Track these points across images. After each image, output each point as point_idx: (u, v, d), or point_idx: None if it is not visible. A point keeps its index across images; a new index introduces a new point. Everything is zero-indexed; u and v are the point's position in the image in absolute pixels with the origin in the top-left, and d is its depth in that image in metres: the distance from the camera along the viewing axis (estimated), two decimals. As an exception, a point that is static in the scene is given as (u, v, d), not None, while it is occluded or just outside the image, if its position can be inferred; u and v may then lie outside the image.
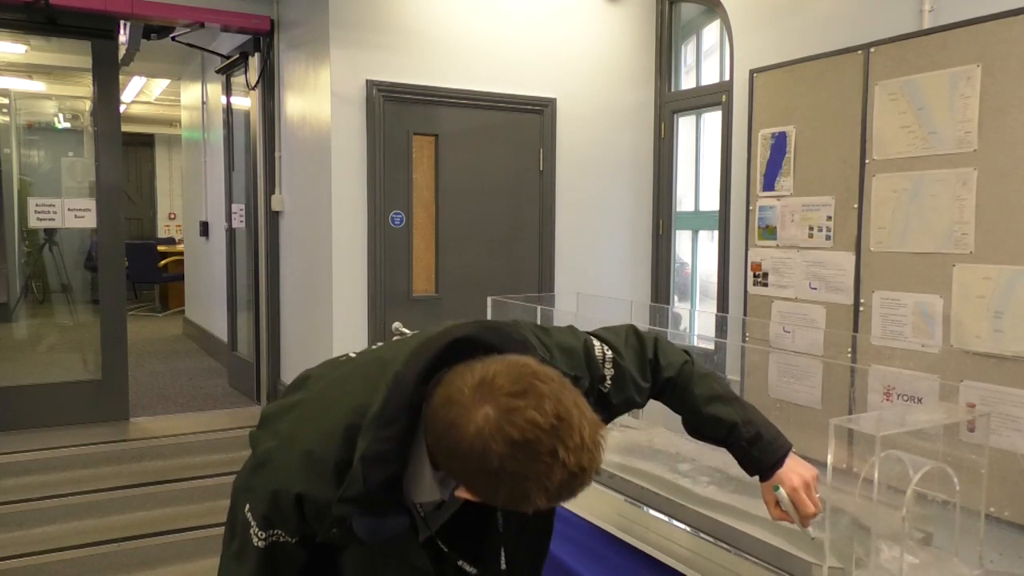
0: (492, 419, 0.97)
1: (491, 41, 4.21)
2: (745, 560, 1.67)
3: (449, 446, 1.01)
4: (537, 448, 0.96)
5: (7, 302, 4.78)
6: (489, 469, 0.97)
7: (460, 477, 1.03)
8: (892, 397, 2.89)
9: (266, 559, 1.15)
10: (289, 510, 1.11)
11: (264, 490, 1.14)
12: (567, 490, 1.00)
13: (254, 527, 1.14)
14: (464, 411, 0.99)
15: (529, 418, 0.97)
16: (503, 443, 0.96)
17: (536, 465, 0.96)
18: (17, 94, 5.22)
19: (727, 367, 3.94)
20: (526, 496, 0.98)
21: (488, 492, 1.01)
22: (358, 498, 1.07)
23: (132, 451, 4.09)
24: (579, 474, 0.98)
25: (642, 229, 4.70)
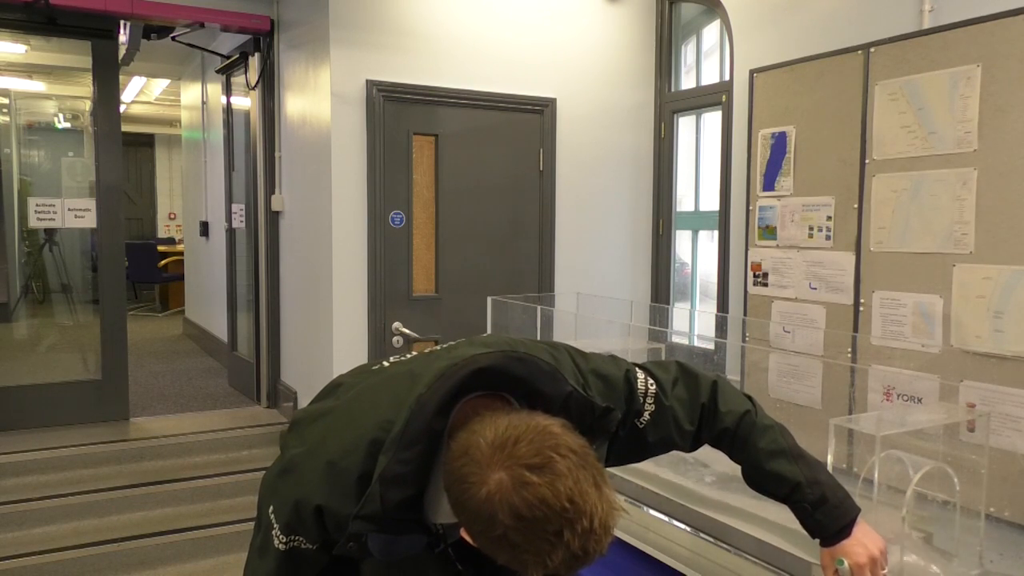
0: (505, 487, 0.97)
1: (491, 41, 4.21)
2: (745, 560, 1.67)
3: (459, 499, 1.02)
4: (544, 527, 0.96)
5: (7, 302, 4.78)
6: (493, 535, 0.98)
7: (465, 528, 1.05)
8: (892, 397, 2.89)
9: (286, 561, 1.18)
10: (309, 520, 1.14)
11: (287, 497, 1.16)
12: (566, 567, 0.99)
13: (276, 530, 1.17)
14: (479, 470, 0.99)
15: (541, 496, 0.96)
16: (510, 515, 0.96)
17: (539, 542, 0.97)
18: (17, 94, 5.22)
19: (727, 367, 3.95)
20: (524, 565, 0.99)
21: (488, 550, 1.02)
22: (374, 516, 1.08)
23: (132, 451, 4.09)
24: (581, 556, 0.99)
25: (642, 229, 4.70)
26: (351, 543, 1.11)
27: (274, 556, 1.18)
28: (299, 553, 1.17)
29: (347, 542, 1.11)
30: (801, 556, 1.57)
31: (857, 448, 1.56)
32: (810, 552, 1.58)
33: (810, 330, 3.34)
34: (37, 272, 5.11)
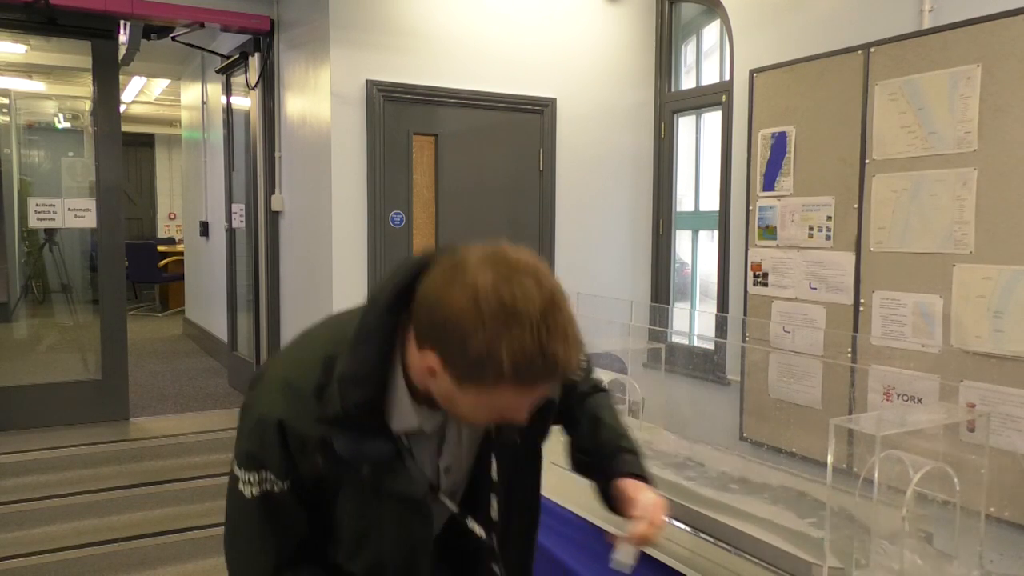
0: (490, 279, 0.99)
1: (491, 41, 4.21)
2: (745, 560, 1.67)
3: (437, 303, 1.02)
4: (521, 318, 0.97)
5: (7, 302, 4.78)
6: (469, 326, 0.98)
7: (436, 340, 1.03)
8: (892, 397, 2.89)
9: (262, 511, 1.14)
10: (272, 439, 1.11)
11: (247, 425, 1.15)
12: (531, 372, 0.99)
13: (242, 475, 1.14)
14: (465, 272, 1.01)
15: (525, 288, 0.99)
16: (493, 301, 0.98)
17: (514, 331, 0.97)
18: (17, 94, 5.22)
19: (727, 367, 3.95)
20: (494, 359, 0.98)
21: (458, 354, 1.00)
22: (337, 418, 1.09)
23: (132, 451, 4.09)
24: (550, 359, 0.99)
25: (642, 229, 4.70)
26: (318, 455, 1.10)
27: (250, 513, 1.14)
28: (272, 499, 1.13)
29: (314, 453, 1.10)
30: (801, 556, 1.57)
31: (857, 448, 1.56)
32: (810, 552, 1.58)
33: (810, 330, 3.34)
34: (37, 272, 5.11)
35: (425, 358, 1.05)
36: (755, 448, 3.52)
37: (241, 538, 1.18)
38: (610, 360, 2.96)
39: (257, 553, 1.16)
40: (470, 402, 1.06)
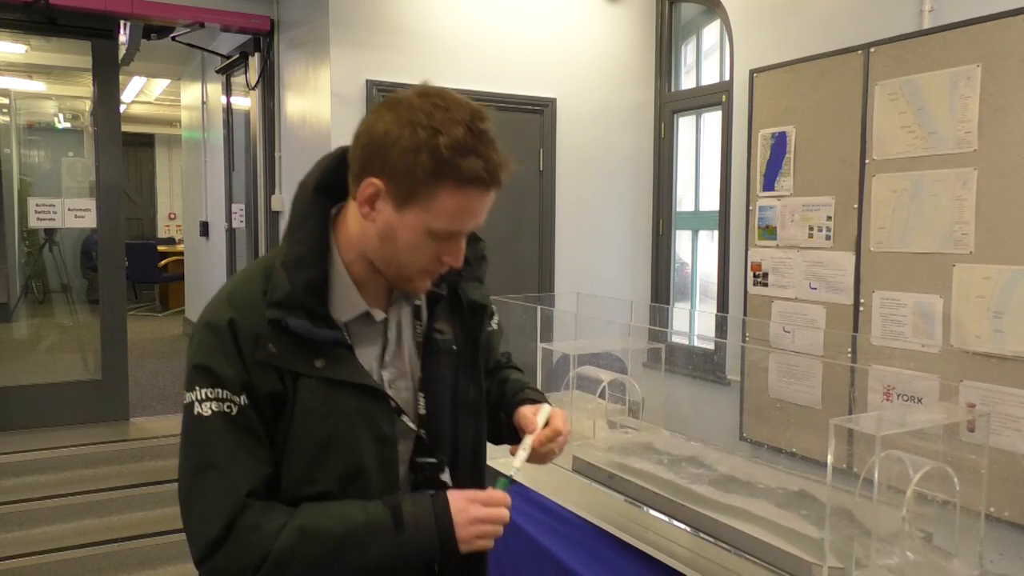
0: (418, 99, 1.08)
1: (491, 41, 4.21)
2: (745, 560, 1.67)
3: (372, 130, 1.09)
4: (453, 117, 1.06)
5: (7, 302, 4.77)
6: (405, 131, 1.05)
7: (374, 160, 1.08)
8: (892, 397, 2.89)
9: (223, 430, 1.09)
10: (226, 344, 1.10)
11: (197, 339, 1.13)
12: (467, 164, 1.06)
13: (197, 394, 1.11)
14: (394, 103, 1.09)
15: (454, 98, 1.09)
16: (426, 107, 1.06)
17: (447, 127, 1.05)
18: (17, 94, 5.22)
19: (727, 367, 3.95)
20: (432, 151, 1.04)
21: (397, 160, 1.06)
22: (286, 300, 1.10)
23: (132, 451, 4.09)
24: (483, 154, 1.07)
25: (642, 229, 4.70)
26: (270, 344, 1.10)
27: (210, 432, 1.09)
28: (231, 418, 1.09)
29: (267, 343, 1.10)
30: (801, 556, 1.57)
31: (857, 448, 1.56)
32: (810, 552, 1.58)
33: (810, 330, 3.34)
34: (37, 272, 5.11)
35: (366, 189, 1.09)
36: (755, 448, 3.52)
37: (201, 468, 1.10)
38: (610, 360, 2.96)
39: (222, 478, 1.09)
40: (410, 228, 1.10)
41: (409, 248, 1.12)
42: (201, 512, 1.09)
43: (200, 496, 1.10)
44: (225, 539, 1.07)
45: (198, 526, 1.09)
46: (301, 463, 1.13)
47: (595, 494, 2.12)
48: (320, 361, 1.13)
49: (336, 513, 1.12)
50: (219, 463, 1.09)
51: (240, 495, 1.09)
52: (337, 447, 1.13)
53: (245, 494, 1.09)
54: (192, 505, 1.11)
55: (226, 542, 1.08)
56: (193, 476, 1.11)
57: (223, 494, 1.09)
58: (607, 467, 2.14)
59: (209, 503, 1.09)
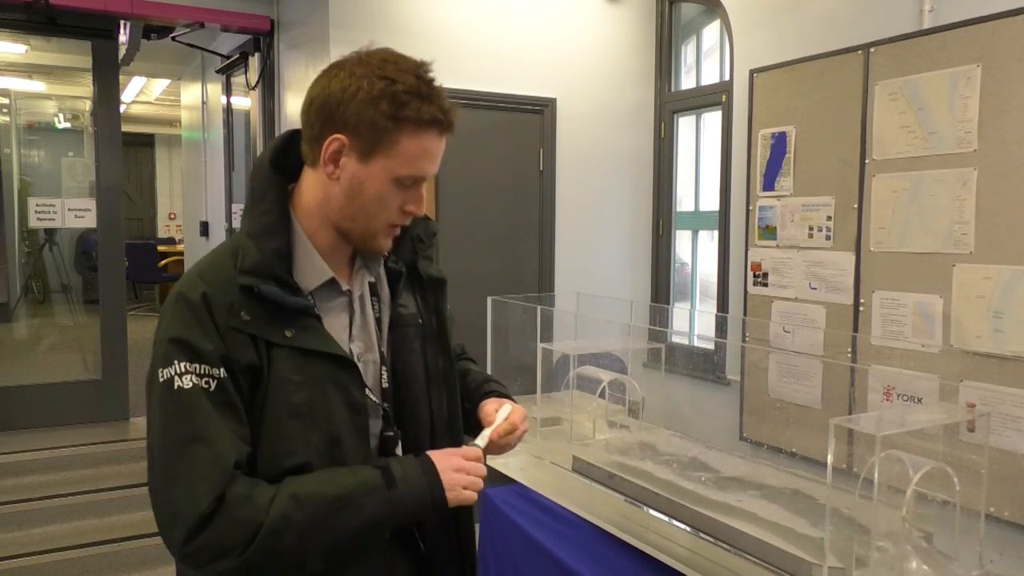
0: (365, 59, 1.17)
1: (491, 41, 4.21)
2: (745, 560, 1.67)
3: (327, 93, 1.17)
4: (402, 68, 1.15)
5: (7, 302, 4.78)
6: (362, 85, 1.13)
7: (334, 117, 1.14)
8: (892, 397, 2.89)
9: (206, 403, 1.08)
10: (201, 315, 1.10)
11: (170, 313, 1.13)
12: (422, 107, 1.14)
13: (176, 368, 1.09)
14: (342, 66, 1.19)
15: (398, 54, 1.18)
16: (376, 64, 1.15)
17: (400, 77, 1.13)
18: (17, 94, 5.22)
19: (727, 367, 3.95)
20: (391, 100, 1.12)
21: (357, 114, 1.13)
22: (256, 267, 1.13)
23: (132, 451, 4.09)
24: (435, 98, 1.16)
25: (642, 229, 4.70)
26: (243, 312, 1.11)
27: (191, 406, 1.08)
28: (210, 393, 1.09)
29: (240, 312, 1.11)
30: (801, 556, 1.57)
31: (857, 448, 1.56)
32: (810, 552, 1.58)
33: (810, 330, 3.34)
34: (37, 272, 5.11)
35: (330, 145, 1.14)
36: (755, 448, 3.52)
37: (185, 442, 1.07)
38: (610, 360, 2.96)
39: (209, 450, 1.07)
40: (377, 177, 1.15)
41: (376, 199, 1.17)
42: (188, 487, 1.06)
43: (186, 471, 1.07)
44: (215, 512, 1.05)
45: (185, 502, 1.06)
46: (279, 434, 1.13)
47: (595, 494, 2.12)
48: (290, 331, 1.14)
49: (325, 478, 1.13)
50: (204, 436, 1.07)
51: (228, 466, 1.07)
52: (313, 416, 1.14)
53: (232, 465, 1.07)
54: (176, 482, 1.07)
55: (216, 515, 1.05)
56: (175, 452, 1.08)
57: (211, 466, 1.06)
58: (607, 467, 2.14)
59: (197, 477, 1.06)
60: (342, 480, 1.13)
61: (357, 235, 1.20)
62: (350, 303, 1.25)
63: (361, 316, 1.26)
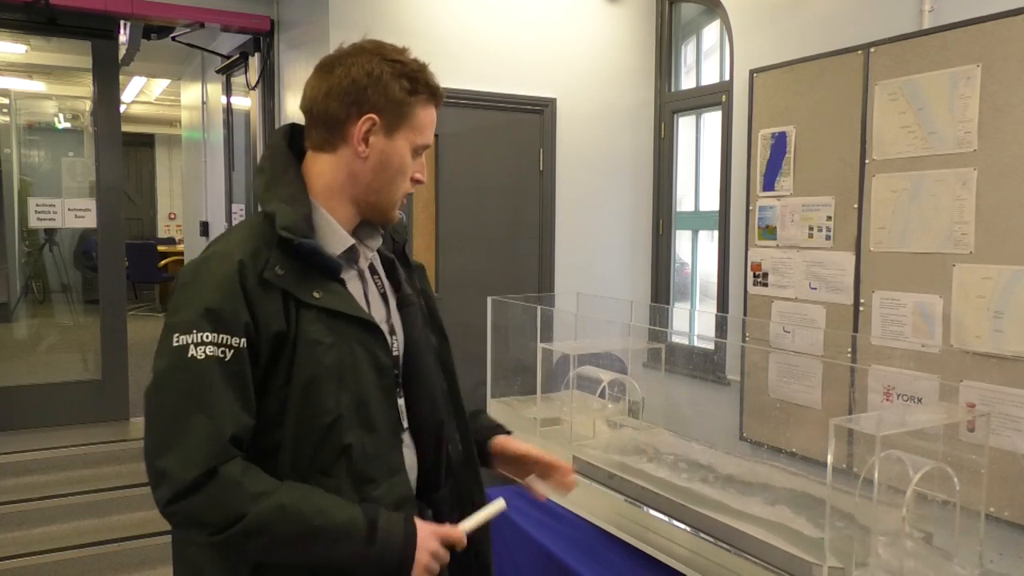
0: (366, 43, 1.30)
1: (491, 41, 4.21)
2: (745, 560, 1.67)
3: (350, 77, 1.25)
4: (397, 47, 1.30)
5: (7, 302, 4.78)
6: (386, 70, 1.25)
7: (362, 100, 1.25)
8: (892, 397, 2.89)
9: (216, 373, 1.12)
10: (233, 279, 1.15)
11: (204, 283, 1.16)
12: (429, 83, 1.29)
13: (195, 337, 1.12)
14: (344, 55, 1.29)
15: (389, 44, 1.31)
16: (374, 46, 1.28)
17: (404, 60, 1.28)
18: (17, 94, 5.22)
19: (727, 367, 3.95)
20: (411, 79, 1.27)
21: (384, 94, 1.25)
22: (294, 225, 1.20)
23: (132, 451, 4.09)
24: (432, 78, 1.31)
25: (642, 229, 4.70)
26: (277, 267, 1.18)
27: (201, 374, 1.11)
28: (225, 363, 1.13)
29: (274, 267, 1.18)
30: (801, 556, 1.57)
31: (857, 448, 1.56)
32: (810, 552, 1.58)
33: (810, 330, 3.34)
34: (37, 272, 5.11)
35: (363, 125, 1.25)
36: (755, 448, 3.52)
37: (186, 410, 1.11)
38: (610, 360, 2.96)
39: (209, 422, 1.11)
40: (400, 150, 1.28)
41: (400, 169, 1.29)
42: (181, 453, 1.10)
43: (182, 439, 1.10)
44: (202, 485, 1.09)
45: (174, 467, 1.09)
46: (314, 394, 1.18)
47: (595, 494, 2.12)
48: (318, 292, 1.21)
49: (319, 503, 1.16)
50: (206, 406, 1.11)
51: (225, 440, 1.12)
52: (343, 377, 1.21)
53: (229, 438, 1.12)
54: (169, 446, 1.11)
55: (203, 488, 1.09)
56: (175, 418, 1.11)
57: (207, 439, 1.11)
58: (607, 467, 2.14)
59: (192, 446, 1.10)
60: (333, 513, 1.16)
61: (381, 206, 1.31)
62: (360, 276, 1.33)
63: (371, 289, 1.35)
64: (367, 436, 1.23)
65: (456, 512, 1.38)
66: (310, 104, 1.28)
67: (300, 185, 1.28)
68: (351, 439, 1.21)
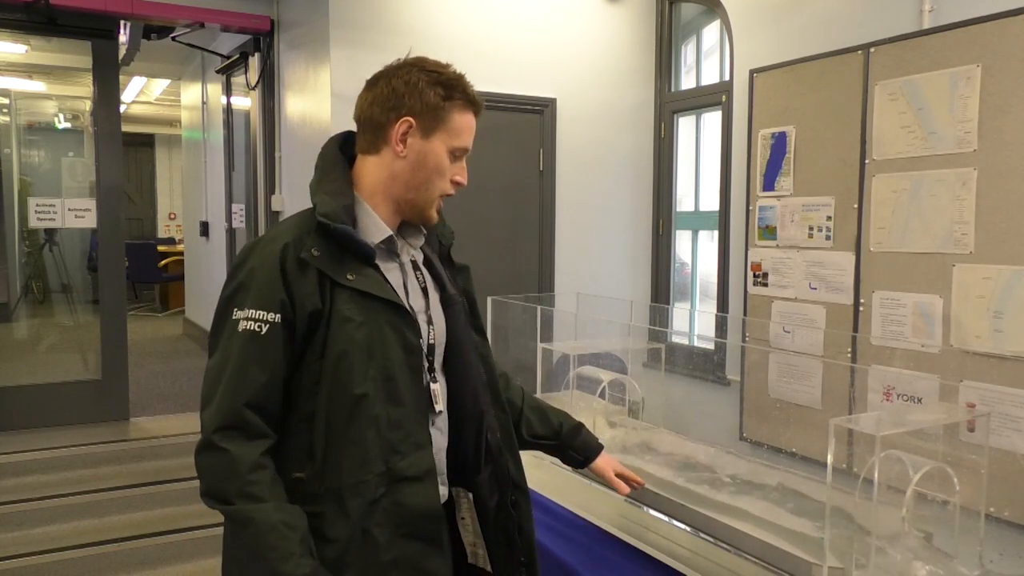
0: (409, 59, 1.46)
1: (491, 41, 4.21)
2: (745, 560, 1.67)
3: (392, 85, 1.40)
4: (438, 62, 1.45)
5: (7, 302, 4.78)
6: (423, 78, 1.40)
7: (400, 105, 1.38)
8: (892, 397, 2.89)
9: (242, 348, 1.28)
10: (275, 261, 1.29)
11: (253, 265, 1.31)
12: (465, 90, 1.43)
13: (235, 313, 1.30)
14: (392, 69, 1.45)
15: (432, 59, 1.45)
16: (416, 60, 1.44)
17: (442, 69, 1.43)
18: (17, 94, 5.22)
19: (727, 367, 3.95)
20: (446, 85, 1.40)
21: (420, 98, 1.38)
22: (332, 212, 1.32)
23: (132, 451, 4.09)
24: (470, 86, 1.45)
25: (642, 229, 4.70)
26: (313, 249, 1.30)
27: (232, 346, 1.28)
28: (256, 339, 1.28)
29: (310, 248, 1.30)
30: (801, 556, 1.57)
31: (857, 448, 1.56)
32: (810, 552, 1.58)
33: (810, 330, 3.34)
34: (37, 272, 5.11)
35: (400, 127, 1.38)
36: (755, 448, 3.52)
37: (218, 375, 1.29)
38: (610, 360, 2.96)
39: (228, 387, 1.27)
40: (437, 151, 1.39)
41: (436, 169, 1.40)
42: (208, 412, 1.28)
43: (212, 398, 1.29)
44: (213, 447, 1.26)
45: (204, 422, 1.29)
46: (346, 366, 1.30)
47: (595, 494, 2.12)
48: (352, 275, 1.32)
49: (276, 541, 1.22)
50: (233, 373, 1.28)
51: (239, 406, 1.26)
52: (372, 352, 1.32)
53: (244, 404, 1.27)
54: (206, 404, 1.30)
55: (211, 451, 1.26)
56: (214, 380, 1.30)
57: (227, 399, 1.27)
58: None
59: (215, 405, 1.28)
60: (280, 556, 1.22)
61: (418, 204, 1.41)
62: (401, 268, 1.43)
63: (411, 281, 1.45)
64: (394, 409, 1.33)
65: (495, 495, 1.47)
66: (359, 113, 1.44)
67: (344, 182, 1.40)
68: (378, 410, 1.31)
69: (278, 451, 1.31)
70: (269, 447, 1.29)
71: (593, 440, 1.81)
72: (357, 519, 1.29)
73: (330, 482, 1.29)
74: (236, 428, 1.26)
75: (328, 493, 1.29)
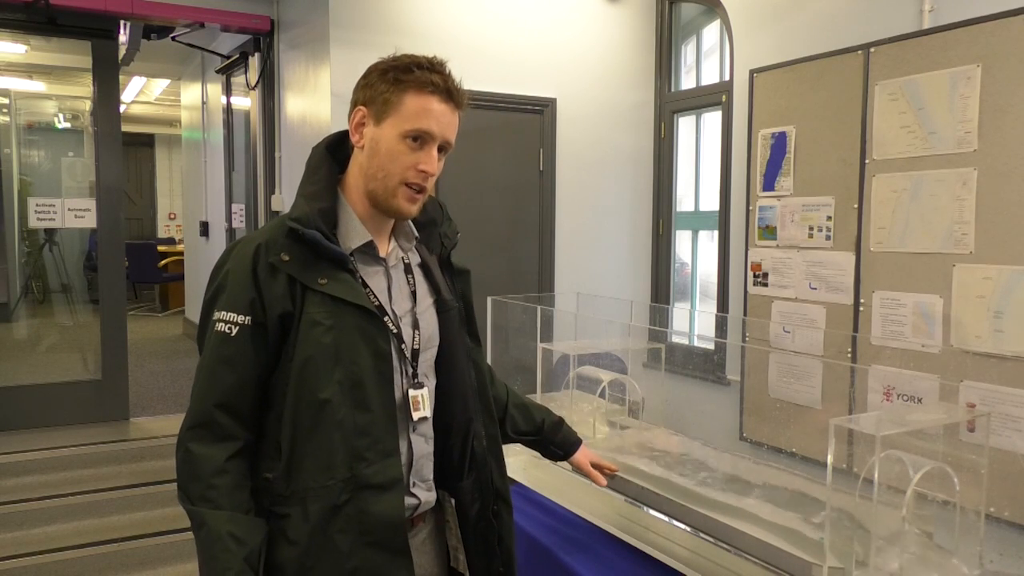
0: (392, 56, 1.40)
1: (491, 41, 4.21)
2: (745, 560, 1.67)
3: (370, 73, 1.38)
4: (419, 55, 1.40)
5: (7, 302, 4.77)
6: (378, 64, 1.37)
7: (357, 95, 1.37)
8: (892, 397, 2.89)
9: (215, 349, 1.31)
10: (247, 264, 1.30)
11: (228, 269, 1.33)
12: (424, 74, 1.37)
13: (214, 314, 1.32)
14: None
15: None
16: (395, 56, 1.40)
17: (413, 56, 1.39)
18: (17, 94, 5.22)
19: (727, 367, 3.95)
20: (397, 66, 1.35)
21: (372, 84, 1.35)
22: (303, 216, 1.31)
23: (132, 451, 4.09)
24: (437, 70, 1.40)
25: (642, 229, 4.70)
26: (283, 253, 1.30)
27: (209, 346, 1.32)
28: (227, 340, 1.30)
29: (279, 253, 1.30)
30: (801, 556, 1.57)
31: (857, 448, 1.56)
32: (810, 552, 1.58)
33: (810, 330, 3.34)
34: (37, 272, 5.11)
35: (355, 116, 1.37)
36: (755, 448, 3.52)
37: (199, 373, 1.33)
38: (610, 360, 2.96)
39: (203, 385, 1.31)
40: (388, 136, 1.34)
41: (389, 155, 1.34)
42: (190, 407, 1.32)
43: (193, 394, 1.33)
44: (184, 445, 1.30)
45: (186, 417, 1.32)
46: (311, 370, 1.30)
47: (595, 494, 2.12)
48: (323, 279, 1.31)
49: (219, 552, 1.24)
50: (206, 374, 1.31)
51: (209, 405, 1.29)
52: (339, 356, 1.30)
53: (213, 404, 1.29)
54: (191, 398, 1.34)
55: (182, 452, 1.30)
56: (195, 380, 1.34)
57: (199, 399, 1.31)
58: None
59: (191, 404, 1.32)
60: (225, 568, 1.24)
61: (380, 193, 1.36)
62: (387, 271, 1.42)
63: (397, 284, 1.43)
64: (361, 415, 1.31)
65: (476, 504, 1.47)
66: None
67: (328, 183, 1.39)
68: (343, 416, 1.30)
69: (256, 450, 1.33)
70: (239, 449, 1.30)
71: (573, 435, 1.86)
72: (318, 523, 1.28)
73: (295, 484, 1.30)
74: (205, 427, 1.29)
75: (293, 496, 1.29)
